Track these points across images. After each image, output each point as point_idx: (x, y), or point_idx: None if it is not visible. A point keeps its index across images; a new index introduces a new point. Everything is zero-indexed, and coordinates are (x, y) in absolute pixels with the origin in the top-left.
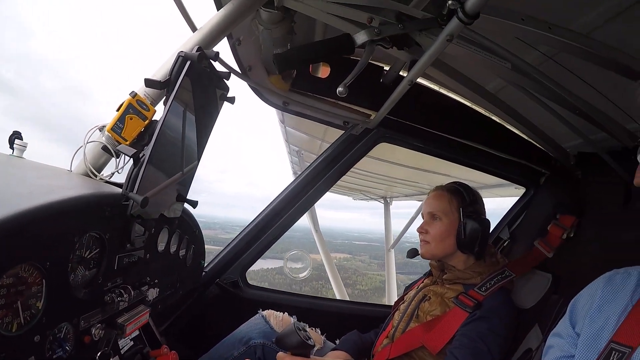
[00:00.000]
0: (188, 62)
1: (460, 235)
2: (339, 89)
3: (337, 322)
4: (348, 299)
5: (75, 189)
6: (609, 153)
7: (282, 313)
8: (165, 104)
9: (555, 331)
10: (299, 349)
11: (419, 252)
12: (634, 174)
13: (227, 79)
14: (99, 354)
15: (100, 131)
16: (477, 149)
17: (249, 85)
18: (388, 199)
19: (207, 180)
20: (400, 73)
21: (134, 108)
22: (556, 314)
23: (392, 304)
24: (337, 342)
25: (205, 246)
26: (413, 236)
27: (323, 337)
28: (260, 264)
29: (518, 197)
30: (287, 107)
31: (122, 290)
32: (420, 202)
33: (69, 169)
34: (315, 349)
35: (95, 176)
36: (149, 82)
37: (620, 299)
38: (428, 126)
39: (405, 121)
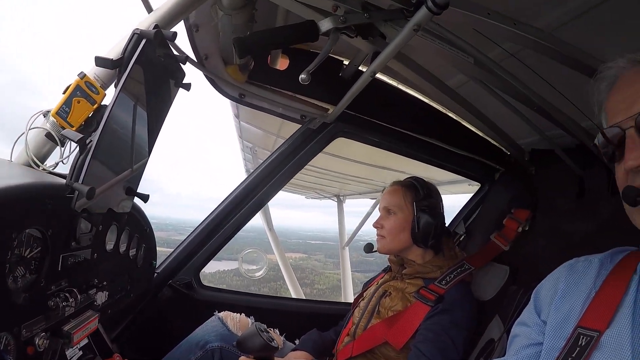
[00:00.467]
0: (143, 41)
1: (414, 229)
2: (302, 76)
3: (296, 321)
4: (304, 297)
5: (14, 178)
6: (564, 150)
7: (239, 314)
8: (116, 86)
9: (520, 320)
10: (262, 352)
11: (376, 247)
12: (586, 170)
13: (184, 63)
14: None
15: (44, 117)
16: (434, 145)
17: (205, 74)
18: (341, 197)
19: (156, 180)
20: (360, 68)
21: (82, 90)
22: (517, 304)
23: (350, 301)
24: (297, 342)
25: (158, 248)
26: (367, 234)
27: (282, 338)
28: (215, 266)
29: (471, 194)
30: (243, 100)
31: (67, 294)
32: (374, 200)
33: (9, 159)
34: None
35: (38, 166)
36: (100, 61)
37: (584, 285)
38: (386, 121)
39: (364, 116)
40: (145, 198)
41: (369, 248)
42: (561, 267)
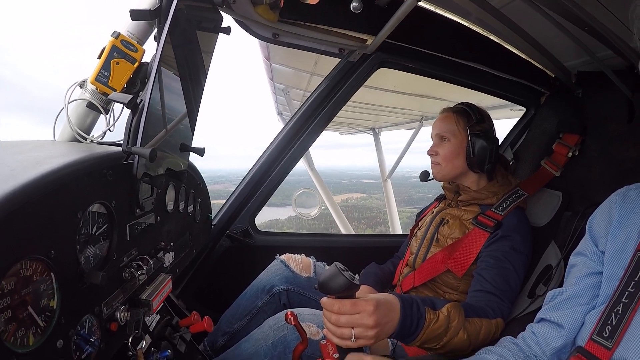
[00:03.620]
0: None
1: (470, 154)
2: (354, 4)
3: (353, 256)
4: (353, 232)
5: (66, 156)
6: (614, 71)
7: (300, 255)
8: (157, 38)
9: (577, 250)
10: (345, 292)
11: (431, 175)
12: (636, 93)
13: (221, 6)
14: (130, 340)
15: (81, 87)
16: (478, 69)
17: (234, 18)
18: (377, 130)
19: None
20: None
21: (119, 50)
22: (573, 230)
23: (398, 232)
24: (357, 276)
25: (218, 201)
26: (408, 167)
27: None
28: (270, 215)
29: (514, 119)
30: (278, 39)
31: (139, 263)
32: (412, 131)
33: (52, 139)
34: None
35: (85, 139)
36: (136, 14)
37: (638, 213)
38: (427, 48)
39: (405, 44)
40: (201, 152)
41: (424, 176)
42: (613, 196)
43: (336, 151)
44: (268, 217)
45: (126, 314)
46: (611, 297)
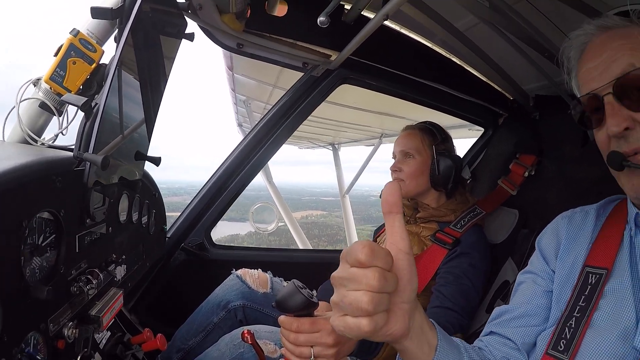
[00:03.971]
0: None
1: (435, 172)
2: (321, 18)
3: (311, 271)
4: (311, 247)
5: (13, 159)
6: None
7: (256, 270)
8: (117, 39)
9: (527, 269)
10: (304, 310)
11: None
12: None
13: (187, 11)
14: (79, 358)
15: (35, 86)
16: (439, 89)
17: (199, 25)
18: (336, 145)
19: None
20: (363, 13)
21: (77, 49)
22: (530, 247)
23: None
24: (314, 292)
25: (175, 213)
26: (366, 186)
27: None
28: (227, 230)
29: (472, 139)
30: (242, 49)
31: (89, 277)
32: (371, 147)
33: (1, 139)
34: None
35: (36, 141)
36: (97, 12)
37: (585, 234)
38: (390, 67)
39: (368, 61)
40: (157, 161)
41: None
42: (559, 219)
43: (295, 168)
44: (228, 231)
45: (74, 331)
46: (563, 313)
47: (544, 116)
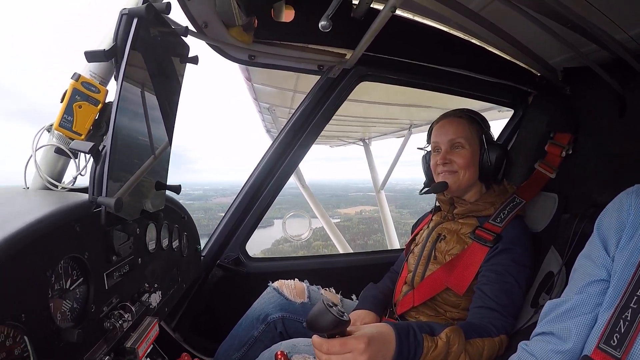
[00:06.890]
0: (135, 20)
1: (487, 164)
2: (322, 22)
3: (349, 276)
4: (351, 250)
5: (34, 211)
6: (600, 66)
7: (292, 280)
8: (116, 78)
9: (584, 253)
10: (334, 330)
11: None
12: (625, 86)
13: (185, 35)
14: None
15: (48, 132)
16: (461, 74)
17: (208, 43)
18: (367, 140)
19: (193, 149)
20: (372, 6)
21: (80, 93)
22: (573, 234)
23: (395, 247)
24: (354, 297)
25: None
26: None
27: (339, 296)
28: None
29: (504, 120)
30: (254, 61)
31: (121, 311)
32: (402, 139)
33: (24, 187)
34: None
35: (56, 187)
36: (91, 55)
37: None
38: (408, 58)
39: (384, 55)
40: (177, 189)
41: (442, 187)
42: (625, 194)
43: (331, 164)
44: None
45: None
46: (618, 302)
47: (576, 90)
